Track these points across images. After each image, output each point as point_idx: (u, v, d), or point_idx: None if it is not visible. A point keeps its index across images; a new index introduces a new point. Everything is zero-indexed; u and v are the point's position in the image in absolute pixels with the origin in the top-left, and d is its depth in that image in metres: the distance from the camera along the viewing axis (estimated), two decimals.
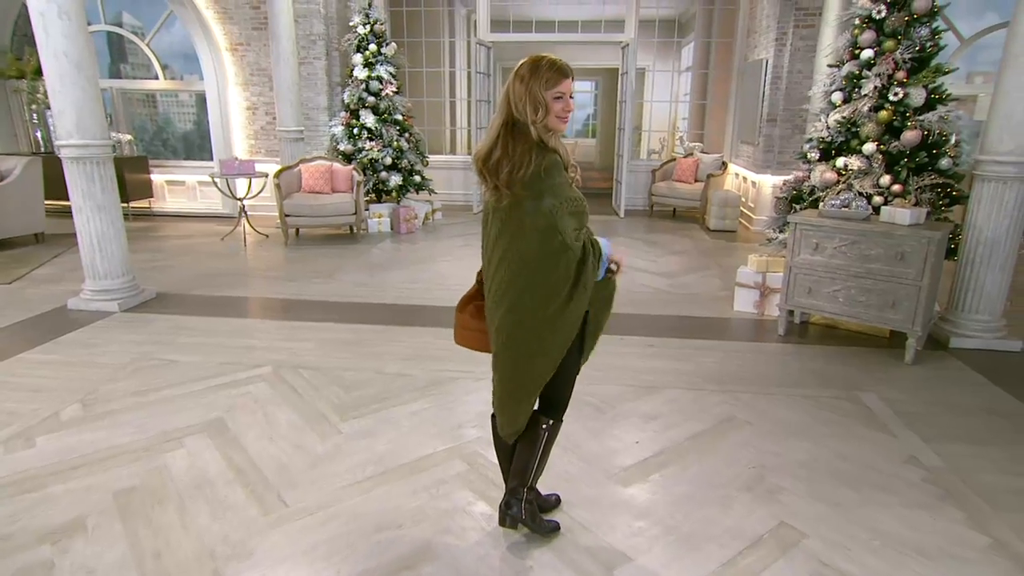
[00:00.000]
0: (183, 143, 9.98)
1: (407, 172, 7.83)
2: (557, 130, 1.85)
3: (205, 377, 3.51)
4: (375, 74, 7.52)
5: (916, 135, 4.07)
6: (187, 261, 6.19)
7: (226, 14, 7.82)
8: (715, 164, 8.50)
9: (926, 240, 3.57)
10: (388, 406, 3.24)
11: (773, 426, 3.05)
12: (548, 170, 1.79)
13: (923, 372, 3.68)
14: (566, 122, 1.86)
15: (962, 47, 7.49)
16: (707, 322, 4.55)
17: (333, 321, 4.50)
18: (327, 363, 3.76)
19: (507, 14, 9.28)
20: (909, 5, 4.08)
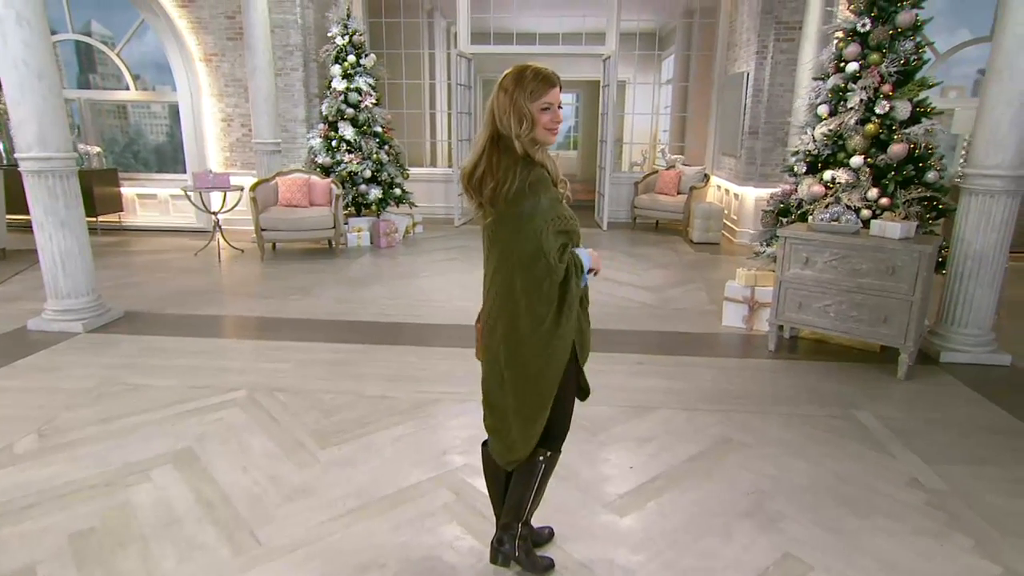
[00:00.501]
0: (155, 155, 9.72)
1: (387, 185, 7.69)
2: (545, 142, 1.74)
3: (175, 402, 3.32)
4: (354, 86, 7.38)
5: (903, 148, 4.05)
6: (158, 278, 5.96)
7: (200, 24, 7.64)
8: (697, 176, 8.50)
9: (917, 254, 3.53)
10: (370, 431, 3.08)
11: (770, 447, 2.95)
12: (533, 186, 1.68)
13: (916, 388, 3.63)
14: (555, 134, 1.75)
15: (937, 62, 7.60)
16: (696, 338, 4.47)
17: (311, 340, 4.33)
18: (305, 385, 3.59)
19: (487, 26, 9.22)
20: (893, 19, 4.08)
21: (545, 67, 1.72)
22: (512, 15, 9.46)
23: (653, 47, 10.87)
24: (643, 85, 10.78)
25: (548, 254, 1.69)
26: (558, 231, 1.72)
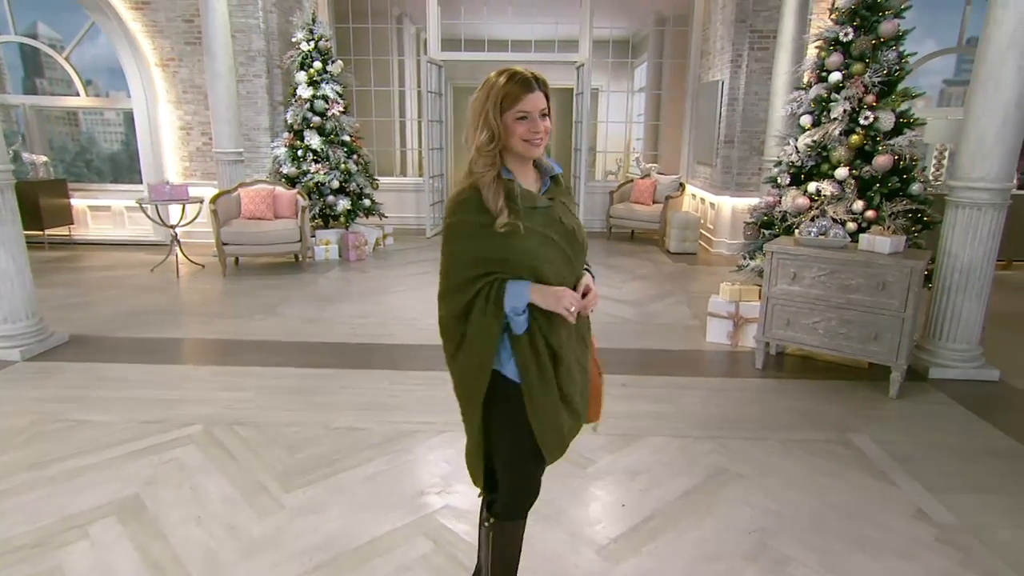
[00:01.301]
0: (110, 164, 9.25)
1: (356, 196, 7.41)
2: (525, 155, 1.52)
3: (122, 441, 3.01)
4: (320, 93, 7.10)
5: (888, 160, 3.97)
6: (110, 296, 5.58)
7: (156, 27, 7.26)
8: (673, 185, 8.42)
9: (908, 269, 3.43)
10: (339, 470, 2.83)
11: (768, 478, 2.79)
12: (454, 209, 1.51)
13: (909, 408, 3.52)
14: (537, 146, 1.50)
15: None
16: (681, 356, 4.31)
17: (276, 365, 4.04)
18: (268, 417, 3.31)
19: (458, 32, 9.02)
20: (876, 28, 4.01)
21: (529, 70, 1.50)
22: (483, 21, 9.28)
23: (626, 55, 10.81)
24: (616, 93, 10.69)
25: (446, 278, 1.55)
26: (478, 257, 1.50)
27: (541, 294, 1.49)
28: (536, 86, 1.48)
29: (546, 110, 1.50)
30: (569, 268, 1.56)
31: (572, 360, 1.60)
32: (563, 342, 1.56)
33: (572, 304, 1.48)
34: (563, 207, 1.60)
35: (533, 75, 1.49)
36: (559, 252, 1.54)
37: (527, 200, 1.52)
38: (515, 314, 1.50)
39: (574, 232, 1.58)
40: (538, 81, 1.50)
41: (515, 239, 1.47)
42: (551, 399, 1.56)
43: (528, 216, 1.50)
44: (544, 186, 1.60)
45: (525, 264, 1.49)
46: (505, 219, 1.45)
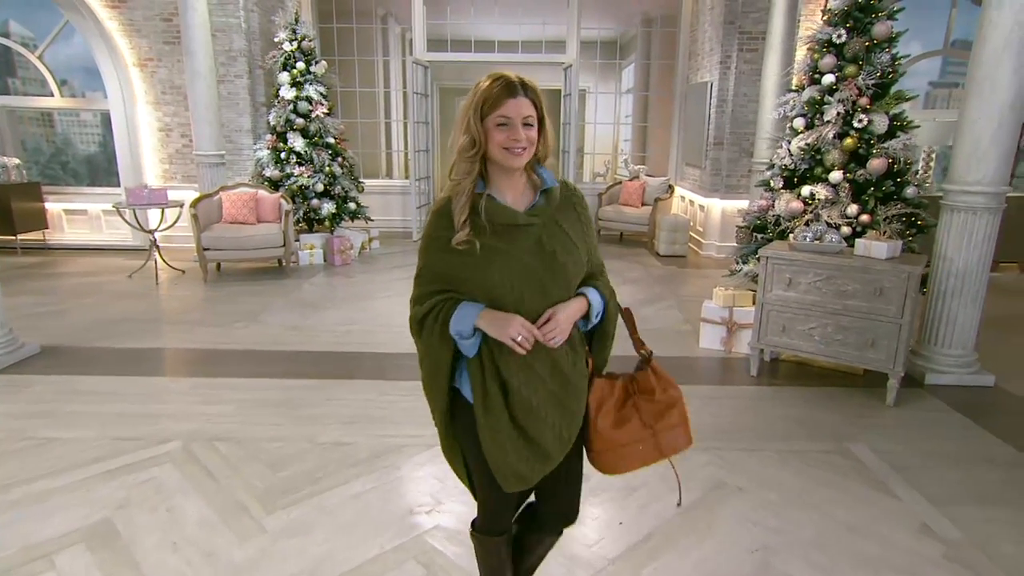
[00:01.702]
0: (87, 167, 9.01)
1: (341, 199, 7.26)
2: (506, 165, 1.41)
3: (94, 460, 2.87)
4: (304, 94, 6.95)
5: (882, 163, 3.93)
6: (85, 304, 5.40)
7: (133, 26, 7.07)
8: (662, 187, 8.36)
9: (906, 275, 3.37)
10: (324, 488, 2.71)
11: (769, 491, 2.71)
12: (429, 218, 1.50)
13: (907, 416, 3.47)
14: (518, 156, 1.39)
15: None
16: (674, 362, 4.24)
17: (258, 376, 3.91)
18: (250, 432, 3.18)
19: (444, 32, 8.91)
20: (869, 30, 3.96)
21: (520, 76, 1.40)
22: (470, 21, 9.17)
23: (614, 56, 10.75)
24: (604, 94, 10.64)
25: (414, 286, 1.53)
26: (435, 272, 1.47)
27: (489, 320, 1.39)
28: (521, 92, 1.38)
29: (532, 118, 1.39)
30: (540, 295, 1.41)
31: (537, 395, 1.45)
32: (515, 372, 1.43)
33: (519, 334, 1.37)
34: (553, 226, 1.45)
35: (521, 81, 1.39)
36: (528, 277, 1.40)
37: (502, 216, 1.42)
38: (460, 338, 1.43)
39: (554, 255, 1.42)
40: (525, 87, 1.39)
41: (470, 258, 1.39)
42: (500, 431, 1.45)
43: (500, 234, 1.41)
44: (536, 202, 1.47)
45: (478, 285, 1.42)
46: (463, 236, 1.39)
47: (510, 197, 1.46)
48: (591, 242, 1.55)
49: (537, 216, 1.45)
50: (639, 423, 1.55)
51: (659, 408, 1.56)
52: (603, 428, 1.54)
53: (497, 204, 1.44)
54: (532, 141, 1.40)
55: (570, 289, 1.47)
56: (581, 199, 1.56)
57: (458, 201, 1.42)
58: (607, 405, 1.56)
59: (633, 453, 1.55)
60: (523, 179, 1.48)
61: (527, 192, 1.49)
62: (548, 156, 1.49)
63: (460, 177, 1.42)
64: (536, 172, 1.48)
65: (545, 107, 1.44)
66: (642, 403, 1.57)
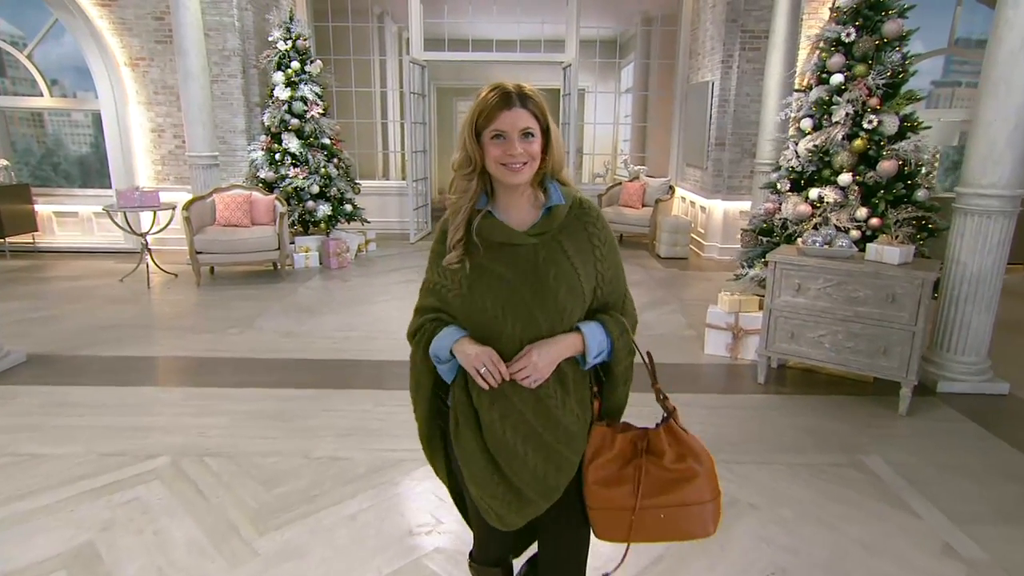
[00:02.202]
0: (79, 168, 8.85)
1: (336, 201, 7.14)
2: (503, 181, 1.30)
3: (78, 478, 2.75)
4: (298, 94, 6.82)
5: (893, 165, 3.83)
6: (75, 310, 5.27)
7: (124, 25, 6.93)
8: (662, 188, 8.26)
9: (920, 281, 3.27)
10: (319, 507, 2.59)
11: (782, 508, 2.61)
12: (435, 231, 1.44)
13: (920, 426, 3.37)
14: (516, 171, 1.27)
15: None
16: (679, 370, 4.13)
17: (252, 386, 3.79)
18: (243, 446, 3.06)
19: (442, 32, 8.79)
20: (879, 29, 3.86)
21: (516, 83, 1.29)
22: (468, 20, 9.05)
23: (613, 55, 10.64)
24: (603, 94, 10.53)
25: (419, 296, 1.46)
26: (431, 288, 1.41)
27: (461, 348, 1.32)
28: (517, 102, 1.26)
29: (532, 130, 1.27)
30: (527, 324, 1.29)
31: (515, 432, 1.32)
32: (489, 404, 1.32)
33: (482, 366, 1.28)
34: (553, 247, 1.32)
35: (520, 90, 1.28)
36: (514, 302, 1.29)
37: (496, 234, 1.32)
38: (438, 362, 1.38)
39: (545, 279, 1.29)
40: (524, 97, 1.27)
41: (457, 277, 1.33)
42: (472, 463, 1.37)
43: (493, 254, 1.32)
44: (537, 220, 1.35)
45: (460, 308, 1.35)
46: (452, 257, 1.33)
47: (513, 215, 1.35)
48: (607, 268, 1.38)
49: (536, 235, 1.33)
50: (630, 490, 1.34)
51: (667, 479, 1.34)
52: (591, 482, 1.37)
53: (493, 221, 1.33)
54: (533, 155, 1.29)
55: (562, 318, 1.32)
56: (597, 219, 1.40)
57: (454, 220, 1.34)
58: (603, 458, 1.38)
59: (622, 522, 1.35)
60: (528, 196, 1.36)
61: (532, 210, 1.37)
62: (560, 170, 1.37)
63: (457, 195, 1.33)
64: (544, 188, 1.36)
65: (550, 116, 1.32)
66: (650, 467, 1.36)
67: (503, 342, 1.31)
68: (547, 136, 1.31)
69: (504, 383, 1.30)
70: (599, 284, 1.38)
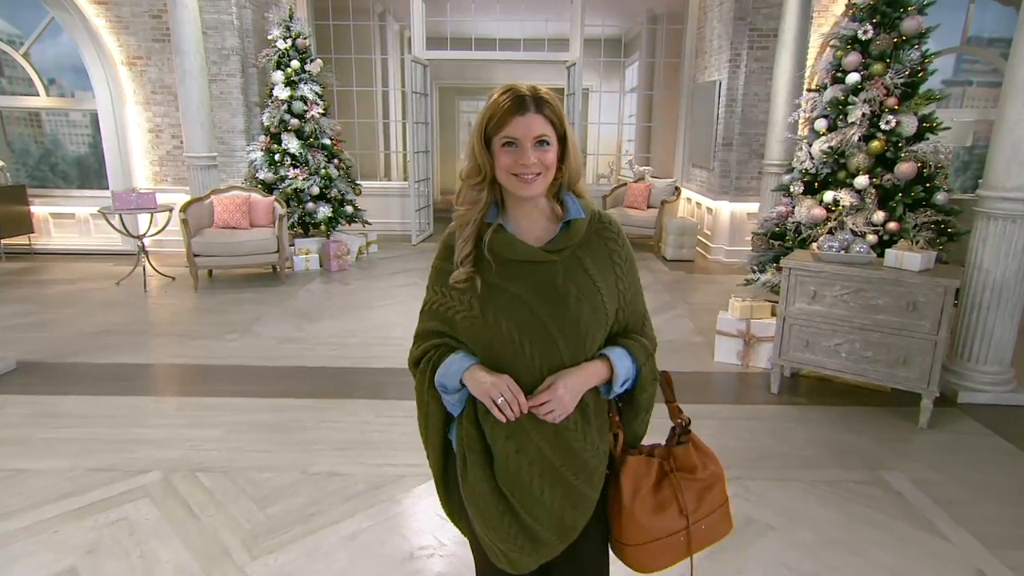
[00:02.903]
0: (77, 169, 8.74)
1: (337, 202, 7.01)
2: (516, 193, 1.19)
3: (62, 496, 2.63)
4: (298, 93, 6.70)
5: (911, 167, 3.69)
6: (69, 314, 5.16)
7: (121, 23, 6.81)
8: (668, 190, 8.12)
9: (942, 289, 3.14)
10: (316, 527, 2.47)
11: (802, 530, 2.48)
12: (438, 248, 1.30)
13: (942, 440, 3.23)
14: (529, 183, 1.16)
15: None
16: (689, 378, 4.00)
17: (248, 395, 3.66)
18: (238, 460, 2.94)
19: (444, 31, 8.66)
20: (897, 26, 3.72)
21: (531, 86, 1.17)
22: (470, 18, 8.93)
23: (618, 54, 10.49)
24: (608, 93, 10.39)
25: (419, 320, 1.33)
26: (434, 310, 1.28)
27: (474, 377, 1.20)
28: (532, 107, 1.14)
29: (547, 138, 1.15)
30: (548, 349, 1.18)
31: (532, 468, 1.21)
32: (503, 437, 1.21)
33: (500, 396, 1.16)
34: (573, 265, 1.21)
35: (535, 93, 1.15)
36: (533, 325, 1.18)
37: (510, 251, 1.20)
38: (444, 392, 1.26)
39: (566, 300, 1.18)
40: (539, 102, 1.15)
41: (468, 299, 1.20)
42: (481, 503, 1.25)
43: (507, 273, 1.20)
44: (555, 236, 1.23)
45: (473, 333, 1.22)
46: (461, 274, 1.20)
47: (526, 230, 1.23)
48: (628, 288, 1.28)
49: (555, 252, 1.21)
50: (677, 511, 1.28)
51: (701, 489, 1.31)
52: (642, 517, 1.26)
53: (506, 236, 1.21)
54: (548, 165, 1.17)
55: (585, 343, 1.21)
56: (618, 235, 1.28)
57: (462, 233, 1.21)
58: (644, 488, 1.28)
59: (673, 546, 1.29)
60: (543, 209, 1.24)
61: (547, 225, 1.24)
62: (577, 180, 1.24)
63: (465, 207, 1.21)
64: (561, 201, 1.24)
65: (567, 122, 1.20)
66: (683, 483, 1.30)
67: (520, 370, 1.19)
68: (564, 144, 1.19)
69: (522, 415, 1.18)
70: (621, 305, 1.28)
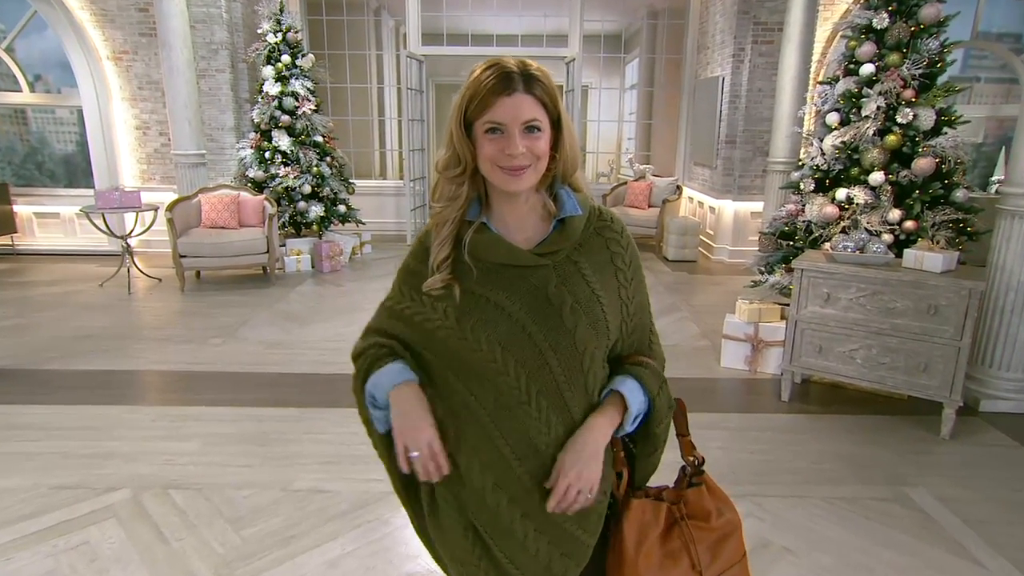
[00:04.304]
0: (64, 167, 8.53)
1: (329, 201, 6.81)
2: (501, 187, 1.00)
3: (21, 518, 2.43)
4: (289, 89, 6.49)
5: (930, 163, 3.50)
6: (48, 318, 4.95)
7: (106, 16, 6.60)
8: (669, 188, 7.93)
9: (966, 292, 2.95)
10: (296, 552, 2.28)
11: (821, 553, 2.28)
12: (413, 245, 1.12)
13: (967, 452, 3.04)
14: (517, 176, 0.97)
15: None
16: (695, 385, 3.81)
17: (229, 404, 3.47)
18: (214, 477, 2.74)
19: (440, 26, 8.46)
20: (915, 14, 3.53)
21: (518, 60, 0.97)
22: (467, 14, 8.73)
23: (617, 49, 10.31)
24: (608, 90, 10.20)
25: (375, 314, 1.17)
26: (396, 311, 1.10)
27: (399, 401, 1.04)
28: (521, 85, 0.95)
29: (538, 123, 0.96)
30: (536, 368, 1.00)
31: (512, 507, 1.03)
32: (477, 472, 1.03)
33: (415, 450, 1.01)
34: (571, 269, 1.04)
35: (523, 69, 0.96)
36: (519, 342, 1.00)
37: (494, 253, 1.01)
38: (372, 405, 1.09)
39: (559, 312, 1.00)
40: (529, 80, 0.96)
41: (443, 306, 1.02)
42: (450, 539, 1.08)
43: (490, 279, 1.01)
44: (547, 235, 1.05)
45: (439, 345, 1.04)
46: (437, 281, 1.02)
47: (514, 229, 1.04)
48: (632, 298, 1.09)
49: (547, 255, 1.02)
50: (688, 565, 1.09)
51: (715, 540, 1.13)
52: (647, 572, 1.07)
53: (490, 236, 1.02)
54: (539, 154, 0.97)
55: (582, 362, 1.02)
56: (621, 234, 1.10)
57: (439, 234, 1.02)
58: (651, 537, 1.09)
59: None
60: (534, 205, 1.05)
61: (538, 223, 1.05)
62: (573, 172, 1.05)
63: (443, 203, 1.02)
64: (554, 195, 1.05)
65: (561, 104, 1.00)
66: (695, 532, 1.11)
67: (504, 392, 1.00)
68: (557, 129, 1.00)
69: (500, 440, 1.00)
70: (624, 318, 1.08)
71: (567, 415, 1.02)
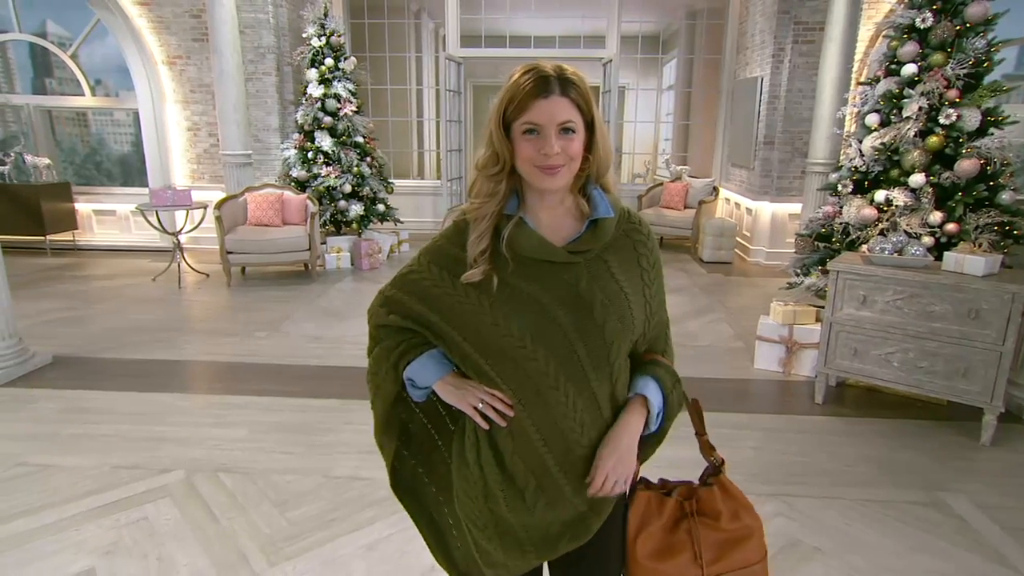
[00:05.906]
0: (120, 167, 8.97)
1: (369, 201, 6.99)
2: (537, 186, 1.06)
3: (87, 493, 2.61)
4: (332, 91, 6.69)
5: (974, 164, 3.44)
6: (105, 310, 5.23)
7: (162, 23, 6.92)
8: (706, 189, 7.88)
9: (1011, 296, 2.89)
10: (336, 534, 2.39)
11: (853, 555, 2.29)
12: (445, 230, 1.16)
13: (1009, 459, 2.98)
14: (553, 175, 1.04)
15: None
16: (728, 386, 3.81)
17: (274, 394, 3.63)
18: (260, 462, 2.89)
19: (478, 28, 8.58)
20: (961, 12, 3.47)
21: (555, 64, 1.03)
22: (505, 16, 8.83)
23: (655, 50, 10.27)
24: (645, 91, 10.17)
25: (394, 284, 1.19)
26: (415, 282, 1.15)
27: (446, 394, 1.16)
28: (557, 88, 1.01)
29: (573, 124, 1.03)
30: (564, 358, 1.06)
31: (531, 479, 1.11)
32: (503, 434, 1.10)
33: (479, 400, 1.10)
34: (601, 268, 1.10)
35: (560, 73, 1.03)
36: (549, 333, 1.06)
37: (530, 248, 1.07)
38: (411, 384, 1.19)
39: (590, 308, 1.07)
40: (565, 83, 1.02)
41: (477, 295, 1.07)
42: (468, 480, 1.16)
43: (525, 273, 1.07)
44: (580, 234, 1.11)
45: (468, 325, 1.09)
46: (476, 274, 1.06)
47: (547, 226, 1.11)
48: (654, 296, 1.16)
49: (578, 253, 1.08)
50: (690, 558, 1.15)
51: (724, 540, 1.17)
52: (642, 556, 1.15)
53: (527, 231, 1.09)
54: (573, 155, 1.04)
55: (609, 355, 1.09)
56: (647, 236, 1.17)
57: (477, 227, 1.08)
58: (652, 527, 1.16)
59: None
60: (567, 204, 1.12)
61: (572, 222, 1.12)
62: (605, 173, 1.12)
63: (481, 199, 1.08)
64: (587, 195, 1.11)
65: (595, 107, 1.06)
66: (702, 530, 1.17)
67: (532, 377, 1.06)
68: (591, 131, 1.06)
69: (522, 414, 1.08)
70: (648, 315, 1.16)
71: (593, 402, 1.09)
